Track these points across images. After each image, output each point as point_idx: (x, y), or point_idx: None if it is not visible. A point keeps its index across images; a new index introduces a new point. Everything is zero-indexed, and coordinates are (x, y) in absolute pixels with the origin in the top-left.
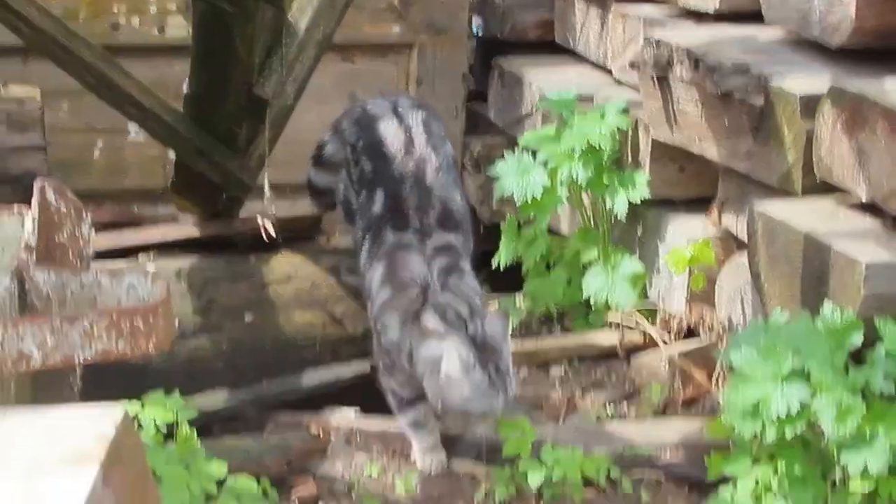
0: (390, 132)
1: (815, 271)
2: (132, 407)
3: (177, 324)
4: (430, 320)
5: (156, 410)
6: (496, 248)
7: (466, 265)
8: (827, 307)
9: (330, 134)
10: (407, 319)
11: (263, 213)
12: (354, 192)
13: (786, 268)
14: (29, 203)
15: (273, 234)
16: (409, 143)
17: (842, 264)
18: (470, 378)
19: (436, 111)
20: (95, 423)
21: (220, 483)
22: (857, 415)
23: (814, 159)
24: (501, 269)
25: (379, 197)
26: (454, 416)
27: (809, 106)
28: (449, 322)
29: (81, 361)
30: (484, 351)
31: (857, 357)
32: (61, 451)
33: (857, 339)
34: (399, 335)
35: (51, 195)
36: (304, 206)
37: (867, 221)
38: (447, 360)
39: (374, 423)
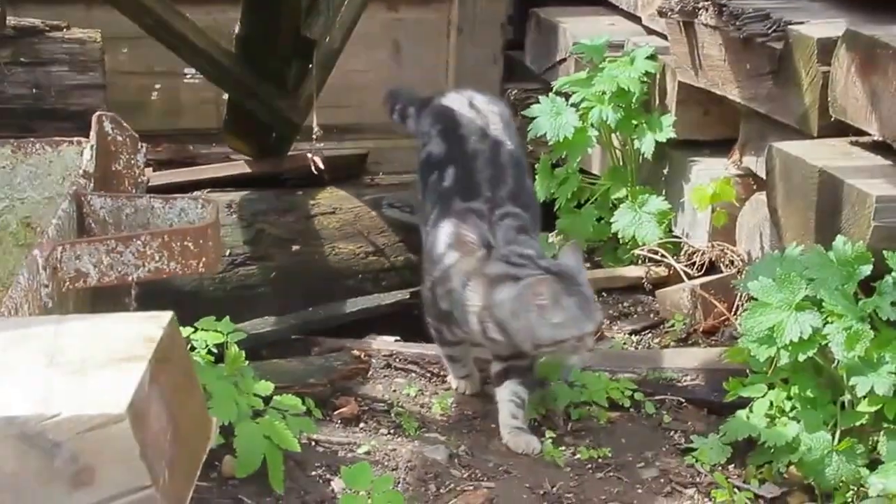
0: (466, 118)
1: (828, 205)
2: (185, 330)
3: (228, 252)
4: (496, 268)
5: (207, 334)
6: None
7: (535, 235)
8: (839, 239)
9: (415, 108)
10: (471, 277)
11: (312, 151)
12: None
13: (801, 202)
14: (88, 135)
15: (322, 167)
16: (486, 127)
17: (853, 198)
18: (560, 304)
19: (509, 109)
20: (144, 327)
21: (267, 400)
22: (866, 340)
23: (829, 100)
24: None
25: (449, 173)
26: (549, 352)
27: (826, 50)
28: (516, 264)
29: (135, 279)
30: (562, 280)
31: (867, 286)
32: (113, 350)
33: (867, 269)
34: (463, 293)
35: (108, 126)
36: (350, 147)
37: (879, 159)
38: (533, 292)
39: (413, 348)
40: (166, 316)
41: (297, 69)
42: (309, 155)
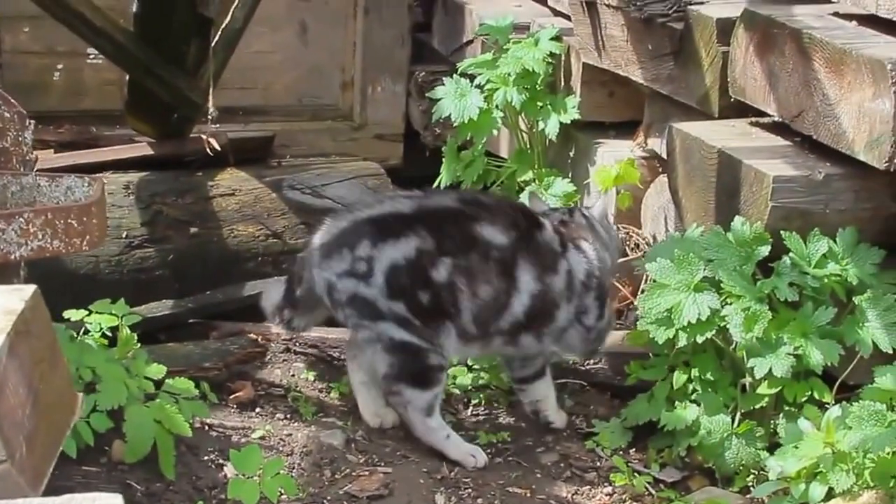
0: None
1: (727, 186)
2: (79, 313)
3: (125, 235)
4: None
5: (101, 316)
6: (438, 171)
7: None
8: (737, 220)
9: None
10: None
11: (210, 132)
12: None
13: (701, 183)
14: None
15: (218, 148)
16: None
17: (751, 178)
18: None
19: None
20: (5, 299)
21: (159, 384)
22: (764, 321)
23: (729, 81)
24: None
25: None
26: None
27: (725, 30)
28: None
29: (19, 258)
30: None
31: (765, 267)
32: None
33: (765, 249)
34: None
35: None
36: (255, 129)
37: (778, 140)
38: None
39: (313, 332)
40: (29, 289)
41: (197, 48)
42: (204, 136)
